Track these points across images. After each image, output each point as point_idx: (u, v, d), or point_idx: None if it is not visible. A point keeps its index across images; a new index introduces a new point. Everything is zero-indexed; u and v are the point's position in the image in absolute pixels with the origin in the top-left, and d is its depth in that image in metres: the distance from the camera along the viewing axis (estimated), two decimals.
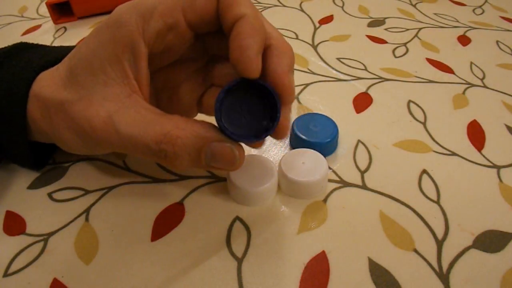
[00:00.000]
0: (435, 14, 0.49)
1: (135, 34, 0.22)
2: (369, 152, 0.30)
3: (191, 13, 0.22)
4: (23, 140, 0.26)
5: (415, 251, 0.24)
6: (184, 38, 0.24)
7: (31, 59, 0.26)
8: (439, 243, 0.24)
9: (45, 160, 0.29)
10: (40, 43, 0.30)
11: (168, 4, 0.22)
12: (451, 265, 0.23)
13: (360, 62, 0.40)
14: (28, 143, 0.26)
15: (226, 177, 0.26)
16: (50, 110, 0.24)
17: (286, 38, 0.43)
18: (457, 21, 0.48)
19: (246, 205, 0.26)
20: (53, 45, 0.44)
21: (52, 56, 0.26)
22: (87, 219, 0.25)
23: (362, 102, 0.35)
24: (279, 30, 0.46)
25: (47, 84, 0.24)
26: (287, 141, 0.31)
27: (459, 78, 0.38)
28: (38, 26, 0.48)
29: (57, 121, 0.23)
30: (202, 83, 0.27)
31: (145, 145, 0.21)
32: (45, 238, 0.24)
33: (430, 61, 0.41)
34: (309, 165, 0.26)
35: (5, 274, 0.23)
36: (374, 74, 0.38)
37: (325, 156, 0.27)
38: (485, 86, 0.37)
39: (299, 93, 0.36)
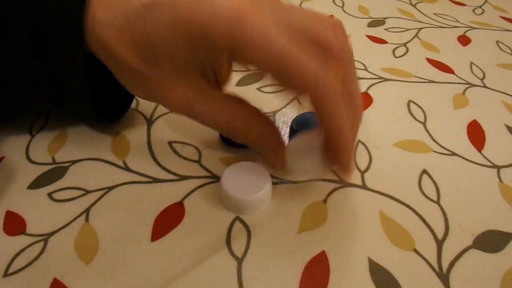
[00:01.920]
0: (435, 14, 0.49)
1: (223, 58, 0.22)
2: (369, 152, 0.30)
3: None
4: (81, 60, 0.24)
5: (415, 251, 0.24)
6: None
7: None
8: (439, 243, 0.24)
9: (120, 109, 0.31)
10: None
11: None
12: (451, 265, 0.23)
13: (360, 62, 0.40)
14: (86, 69, 0.24)
15: (219, 187, 0.26)
16: (114, 63, 0.24)
17: None
18: (457, 21, 0.48)
19: (240, 214, 0.26)
20: None
21: None
22: (87, 219, 0.25)
23: (362, 102, 0.35)
24: None
25: (109, 34, 0.23)
26: (287, 141, 0.31)
27: (459, 78, 0.38)
28: None
29: (124, 77, 0.25)
30: None
31: (217, 128, 0.26)
32: (45, 238, 0.24)
33: (430, 61, 0.41)
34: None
35: (5, 274, 0.23)
36: (374, 74, 0.38)
37: None
38: (485, 86, 0.37)
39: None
